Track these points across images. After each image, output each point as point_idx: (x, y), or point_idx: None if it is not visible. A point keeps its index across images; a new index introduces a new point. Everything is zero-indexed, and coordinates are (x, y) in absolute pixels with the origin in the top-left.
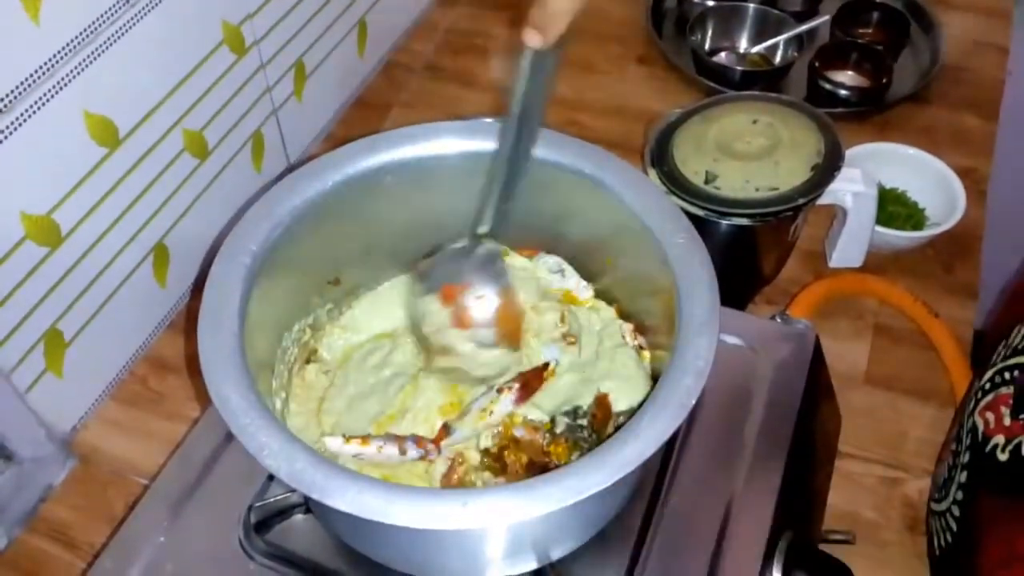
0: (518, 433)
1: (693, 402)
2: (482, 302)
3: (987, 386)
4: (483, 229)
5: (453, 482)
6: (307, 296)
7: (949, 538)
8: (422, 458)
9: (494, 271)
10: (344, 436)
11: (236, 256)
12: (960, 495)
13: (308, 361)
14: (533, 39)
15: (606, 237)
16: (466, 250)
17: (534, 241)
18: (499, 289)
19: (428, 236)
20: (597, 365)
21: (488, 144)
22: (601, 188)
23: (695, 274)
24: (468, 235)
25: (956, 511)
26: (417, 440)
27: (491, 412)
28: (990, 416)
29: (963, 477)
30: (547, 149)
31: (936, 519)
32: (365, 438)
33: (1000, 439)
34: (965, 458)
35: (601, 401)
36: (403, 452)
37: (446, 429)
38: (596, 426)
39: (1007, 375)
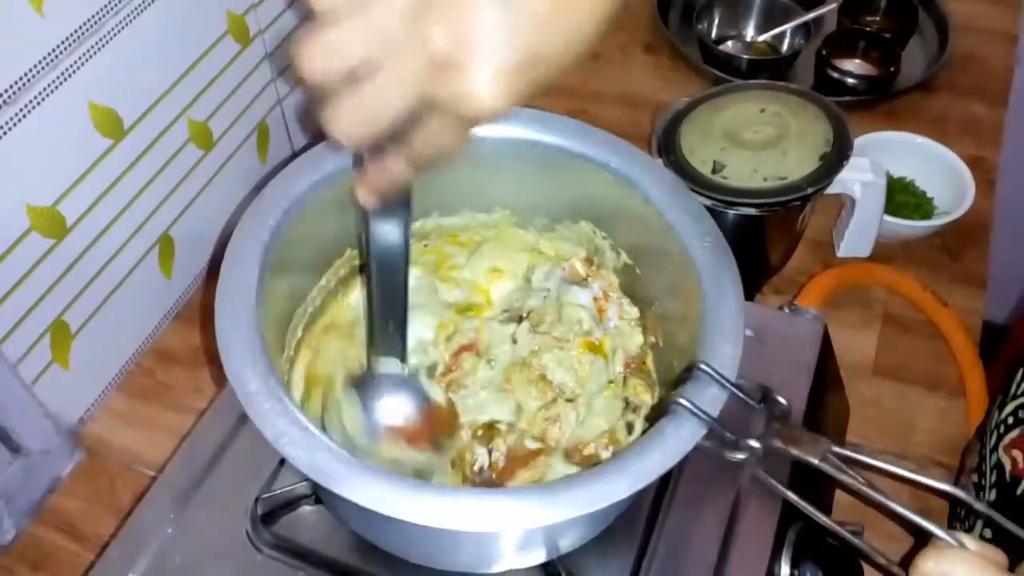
0: None
1: (717, 411)
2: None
3: (1010, 420)
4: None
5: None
6: (319, 273)
7: None
8: None
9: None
10: None
11: (254, 234)
12: (988, 532)
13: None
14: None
15: (625, 231)
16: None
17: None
18: (424, 407)
19: (442, 212)
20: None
21: (506, 131)
22: (626, 182)
23: (721, 280)
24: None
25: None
26: None
27: None
28: (1017, 455)
29: None
30: (572, 139)
31: None
32: None
33: None
34: (991, 495)
35: None
36: None
37: None
38: None
39: None
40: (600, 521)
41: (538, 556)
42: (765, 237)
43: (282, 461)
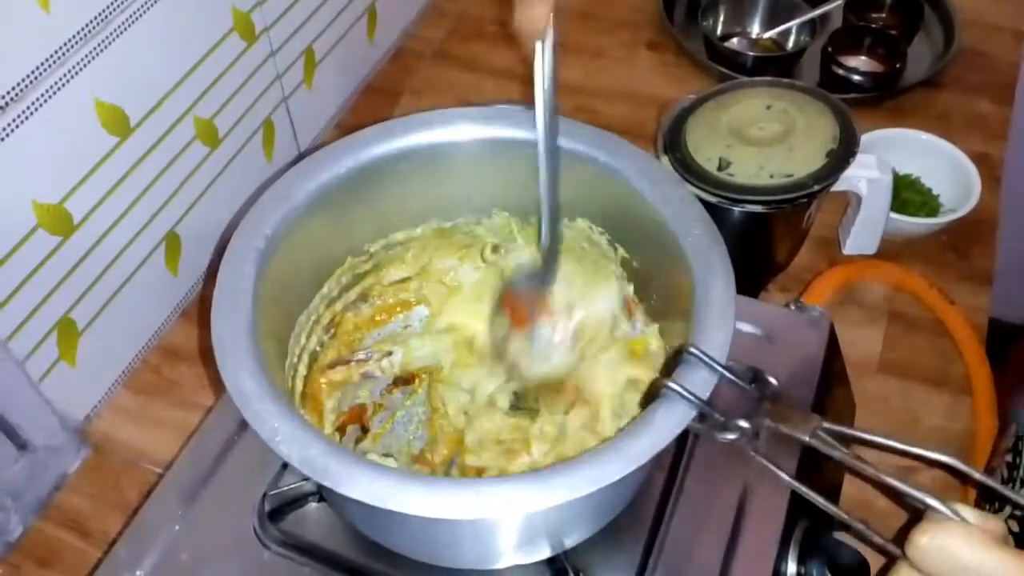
0: None
1: (708, 394)
2: (531, 300)
3: None
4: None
5: None
6: (320, 281)
7: None
8: None
9: (539, 277)
10: None
11: (250, 241)
12: (1020, 512)
13: (321, 345)
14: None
15: (619, 225)
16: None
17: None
18: (542, 289)
19: (442, 223)
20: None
21: (504, 131)
22: (616, 176)
23: (711, 266)
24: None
25: (1014, 526)
26: None
27: None
28: None
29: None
30: (562, 136)
31: None
32: None
33: None
34: None
35: None
36: None
37: None
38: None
39: None
40: (603, 514)
41: (542, 552)
42: (771, 234)
43: None
